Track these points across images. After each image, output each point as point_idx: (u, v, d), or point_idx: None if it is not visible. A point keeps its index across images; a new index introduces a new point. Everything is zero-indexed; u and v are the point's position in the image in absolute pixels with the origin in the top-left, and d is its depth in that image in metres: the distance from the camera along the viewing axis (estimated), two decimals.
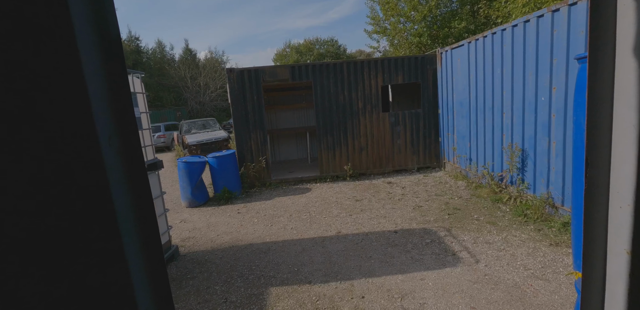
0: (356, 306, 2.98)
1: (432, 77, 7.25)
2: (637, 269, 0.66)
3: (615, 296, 0.71)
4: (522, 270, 3.23)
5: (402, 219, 4.87)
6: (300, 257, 3.97)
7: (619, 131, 0.68)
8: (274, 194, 6.73)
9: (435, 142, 7.43)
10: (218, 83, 27.96)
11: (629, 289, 0.67)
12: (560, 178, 4.08)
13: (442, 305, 2.87)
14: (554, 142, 4.16)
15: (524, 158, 4.74)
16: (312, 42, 34.43)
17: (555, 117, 4.13)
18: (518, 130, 4.82)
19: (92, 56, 0.47)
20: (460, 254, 3.67)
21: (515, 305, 2.74)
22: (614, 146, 0.69)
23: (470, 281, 3.15)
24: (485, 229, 4.24)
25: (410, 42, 13.43)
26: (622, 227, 0.68)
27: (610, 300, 0.72)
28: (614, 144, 0.69)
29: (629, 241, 0.66)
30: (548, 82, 4.19)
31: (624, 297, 0.68)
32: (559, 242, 3.67)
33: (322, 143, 7.30)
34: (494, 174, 5.42)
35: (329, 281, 3.42)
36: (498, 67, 5.19)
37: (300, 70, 7.06)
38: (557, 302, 2.74)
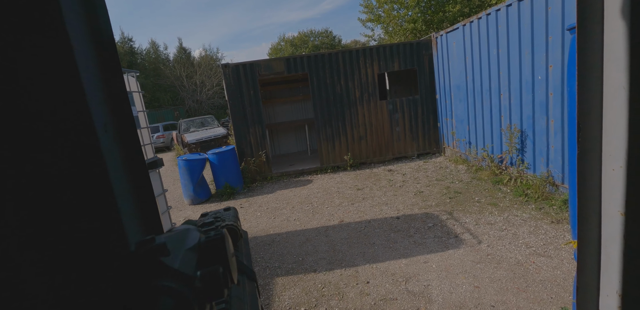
0: (361, 291, 3.02)
1: (428, 63, 7.18)
2: (631, 230, 0.66)
3: (610, 258, 0.71)
4: (524, 249, 3.25)
5: (403, 205, 4.88)
6: (304, 247, 4.01)
7: (609, 94, 0.67)
8: (275, 187, 6.76)
9: (434, 127, 7.40)
10: (214, 80, 27.83)
11: (623, 250, 0.67)
12: (559, 156, 4.07)
13: (446, 285, 2.89)
14: (552, 120, 4.13)
15: (523, 138, 4.72)
16: (307, 34, 34.09)
17: (552, 96, 4.09)
18: (516, 111, 4.78)
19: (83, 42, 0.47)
20: (463, 236, 3.69)
21: (518, 283, 2.77)
22: (605, 109, 0.68)
23: (473, 261, 3.17)
24: (486, 211, 4.25)
25: (404, 29, 13.26)
26: (615, 189, 0.68)
27: (606, 261, 0.72)
28: (604, 107, 0.68)
29: (622, 203, 0.66)
30: (544, 61, 4.14)
31: (620, 258, 0.68)
32: (560, 219, 3.68)
33: (321, 134, 7.29)
34: (493, 156, 5.41)
35: (333, 269, 3.45)
36: (494, 48, 5.12)
37: (296, 62, 7.01)
38: (560, 277, 2.76)
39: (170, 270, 0.29)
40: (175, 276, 0.29)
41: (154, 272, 0.28)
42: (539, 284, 2.71)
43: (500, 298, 2.63)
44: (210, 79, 28.10)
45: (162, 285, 0.28)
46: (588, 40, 0.71)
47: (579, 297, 0.79)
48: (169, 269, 0.29)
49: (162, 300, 0.27)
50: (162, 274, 0.28)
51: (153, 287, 0.28)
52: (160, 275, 0.28)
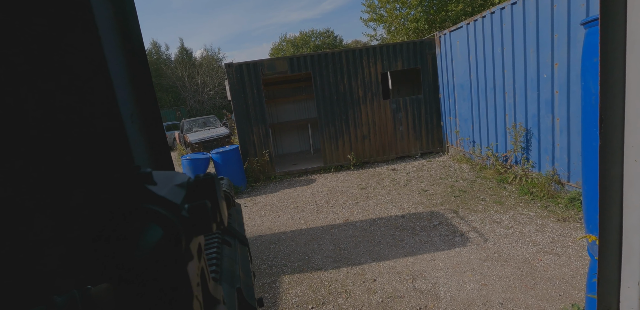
0: (368, 289, 3.02)
1: (431, 62, 7.17)
2: None
3: (632, 249, 0.71)
4: (531, 246, 3.25)
5: (408, 203, 4.88)
6: (310, 246, 4.01)
7: (632, 86, 0.67)
8: (279, 187, 6.77)
9: (438, 126, 7.40)
10: (216, 81, 27.86)
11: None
12: (565, 154, 4.06)
13: (454, 283, 2.90)
14: (557, 118, 4.12)
15: (528, 137, 4.71)
16: (308, 34, 34.09)
17: (558, 94, 4.09)
18: (521, 109, 4.78)
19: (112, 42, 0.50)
20: (469, 234, 3.69)
21: (526, 280, 2.77)
22: (628, 101, 0.69)
23: (480, 259, 3.17)
24: (492, 209, 4.25)
25: (407, 28, 13.25)
26: (637, 180, 0.68)
27: (628, 253, 0.72)
28: (627, 99, 0.69)
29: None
30: (550, 59, 4.14)
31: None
32: (567, 217, 3.67)
33: (325, 133, 7.30)
34: (498, 155, 5.40)
35: (339, 267, 3.46)
36: (498, 47, 5.12)
37: (299, 62, 7.01)
38: (568, 274, 2.76)
39: (156, 197, 0.29)
40: (161, 202, 0.28)
41: (139, 197, 0.28)
42: (546, 282, 2.71)
43: (508, 295, 2.63)
44: (211, 79, 28.13)
45: (148, 208, 0.28)
46: (611, 32, 0.71)
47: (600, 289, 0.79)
48: (154, 195, 0.29)
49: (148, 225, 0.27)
50: (147, 199, 0.28)
51: (138, 210, 0.28)
52: (146, 200, 0.28)
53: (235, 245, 0.71)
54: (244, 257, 0.69)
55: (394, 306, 2.74)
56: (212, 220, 0.31)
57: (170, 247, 0.27)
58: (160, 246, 0.26)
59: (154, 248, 0.26)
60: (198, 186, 0.34)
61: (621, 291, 0.77)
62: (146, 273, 0.26)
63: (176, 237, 0.28)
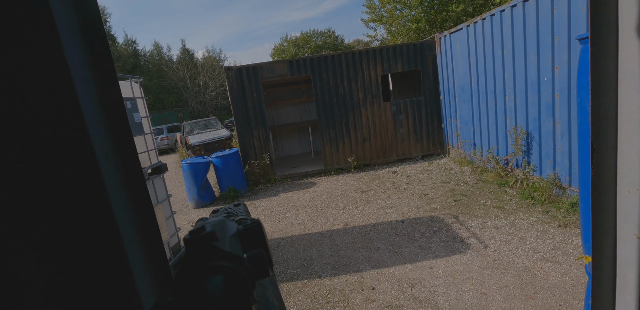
0: (367, 297, 3.00)
1: (432, 64, 7.12)
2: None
3: (627, 282, 0.69)
4: (531, 254, 3.20)
5: (408, 208, 4.85)
6: (308, 252, 3.99)
7: (625, 115, 0.64)
8: (279, 190, 6.76)
9: (438, 129, 7.35)
10: (217, 81, 27.91)
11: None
12: (566, 158, 4.01)
13: (453, 292, 2.86)
14: (558, 122, 4.07)
15: (529, 140, 4.67)
16: (309, 34, 34.08)
17: (559, 97, 4.04)
18: (522, 113, 4.73)
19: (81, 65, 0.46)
20: (469, 240, 3.65)
21: (526, 289, 2.73)
22: (620, 130, 0.66)
23: (480, 267, 3.14)
24: (492, 214, 4.21)
25: (407, 29, 13.19)
26: (631, 211, 0.66)
27: (622, 286, 0.70)
28: (620, 128, 0.66)
29: (638, 226, 0.65)
30: (550, 62, 4.09)
31: (636, 283, 0.66)
32: (568, 223, 3.63)
33: (325, 136, 7.27)
34: (499, 158, 5.36)
35: (338, 274, 3.43)
36: (498, 49, 5.07)
37: (299, 65, 6.99)
38: (569, 283, 2.72)
39: (223, 253, 0.32)
40: (228, 257, 0.32)
41: (209, 255, 0.32)
42: (547, 291, 2.67)
43: (507, 305, 2.60)
44: (213, 80, 28.18)
45: (219, 265, 0.31)
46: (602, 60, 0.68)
47: None
48: (221, 252, 0.32)
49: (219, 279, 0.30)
50: (216, 256, 0.32)
51: (211, 267, 0.31)
52: (215, 257, 0.32)
53: None
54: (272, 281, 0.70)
55: None
56: (268, 265, 0.35)
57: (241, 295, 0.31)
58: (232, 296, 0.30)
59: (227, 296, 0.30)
60: (248, 233, 0.38)
61: None
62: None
63: (244, 285, 0.32)
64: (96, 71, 0.53)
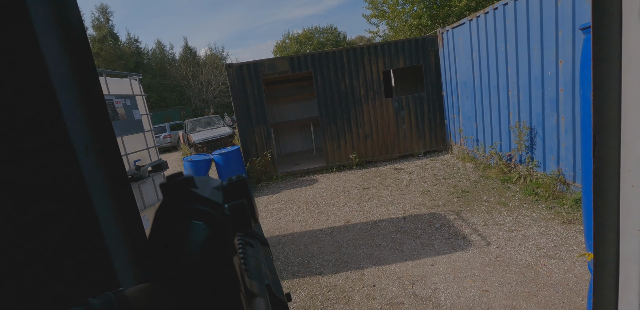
0: (367, 295, 2.98)
1: (434, 59, 7.04)
2: None
3: (629, 278, 0.67)
4: (534, 250, 3.16)
5: (410, 204, 4.82)
6: (309, 249, 3.98)
7: (628, 106, 0.61)
8: (281, 187, 6.75)
9: (441, 125, 7.29)
10: (220, 79, 27.90)
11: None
12: (570, 154, 3.95)
13: (454, 289, 2.84)
14: (562, 117, 4.00)
15: (532, 136, 4.60)
16: (311, 31, 33.90)
17: (563, 92, 3.96)
18: (525, 108, 4.66)
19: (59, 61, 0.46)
20: (471, 237, 3.61)
21: (529, 286, 2.69)
22: (624, 122, 0.63)
23: (482, 264, 3.11)
24: (495, 210, 4.16)
25: (410, 25, 13.05)
26: (634, 206, 0.64)
27: (625, 282, 0.68)
28: (623, 120, 0.63)
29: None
30: (554, 56, 4.01)
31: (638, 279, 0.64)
32: (572, 220, 3.58)
33: (326, 133, 7.24)
34: (502, 154, 5.30)
35: (339, 271, 3.42)
36: (501, 44, 4.99)
37: (300, 61, 6.94)
38: (572, 280, 2.68)
39: (201, 198, 0.31)
40: (206, 202, 0.31)
41: (185, 198, 0.31)
42: (550, 288, 2.63)
43: (510, 302, 2.57)
44: (216, 78, 28.18)
45: (197, 208, 0.30)
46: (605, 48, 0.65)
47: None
48: (199, 196, 0.31)
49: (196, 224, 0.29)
50: (193, 200, 0.31)
51: (187, 210, 0.30)
52: (192, 201, 0.31)
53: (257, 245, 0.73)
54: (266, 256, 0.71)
55: None
56: (250, 217, 0.34)
57: (219, 243, 0.30)
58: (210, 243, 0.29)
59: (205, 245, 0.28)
60: (232, 188, 0.37)
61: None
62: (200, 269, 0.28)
63: (223, 232, 0.30)
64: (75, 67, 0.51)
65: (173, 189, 0.31)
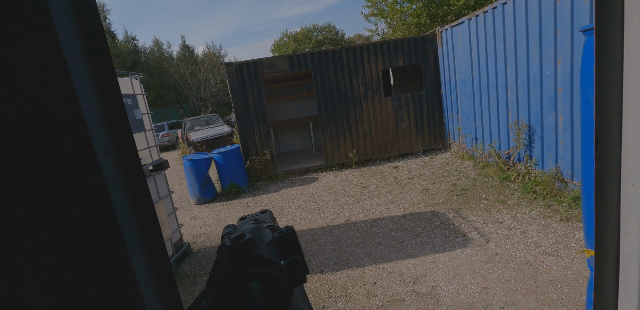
0: (369, 292, 3.01)
1: (433, 58, 7.07)
2: None
3: (629, 275, 0.69)
4: (533, 248, 3.20)
5: (410, 203, 4.85)
6: (310, 247, 4.01)
7: (630, 107, 0.63)
8: (281, 186, 6.76)
9: (440, 123, 7.32)
10: (218, 78, 27.82)
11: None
12: (568, 152, 3.99)
13: (454, 286, 2.87)
14: (561, 116, 4.04)
15: (530, 134, 4.64)
16: (309, 29, 33.82)
17: (561, 91, 4.00)
18: (524, 106, 4.69)
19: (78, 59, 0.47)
20: (470, 235, 3.65)
21: (528, 283, 2.73)
22: (625, 122, 0.65)
23: (482, 261, 3.14)
24: (494, 208, 4.20)
25: (408, 23, 13.06)
26: (635, 204, 0.66)
27: (625, 279, 0.70)
28: (624, 120, 0.65)
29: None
30: (553, 55, 4.04)
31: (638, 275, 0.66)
32: (570, 217, 3.62)
33: (326, 132, 7.26)
34: (500, 152, 5.33)
35: (340, 269, 3.45)
36: (500, 43, 5.01)
37: (299, 60, 6.95)
38: (570, 277, 2.72)
39: (262, 259, 0.34)
40: (267, 264, 0.33)
41: (249, 261, 0.33)
42: (549, 285, 2.67)
43: (509, 299, 2.61)
44: (214, 76, 28.09)
45: (259, 271, 0.33)
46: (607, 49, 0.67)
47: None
48: (261, 258, 0.34)
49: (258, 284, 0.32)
50: (256, 263, 0.33)
51: (250, 274, 0.32)
52: (255, 264, 0.33)
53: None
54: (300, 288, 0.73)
55: None
56: (305, 272, 0.36)
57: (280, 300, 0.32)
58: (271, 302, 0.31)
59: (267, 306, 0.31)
60: (284, 240, 0.40)
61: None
62: None
63: (283, 291, 0.33)
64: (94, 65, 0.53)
65: (238, 252, 0.34)
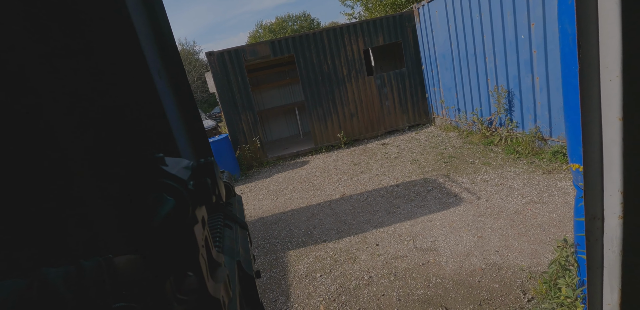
0: (372, 253, 3.16)
1: (412, 34, 7.17)
2: (629, 133, 0.74)
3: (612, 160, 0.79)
4: (520, 199, 3.42)
5: (401, 173, 5.02)
6: (310, 221, 4.12)
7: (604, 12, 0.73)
8: (273, 171, 6.83)
9: (423, 98, 7.49)
10: (195, 75, 27.17)
11: (623, 151, 0.74)
12: (546, 111, 4.21)
13: (452, 239, 3.05)
14: (537, 77, 4.24)
15: (510, 98, 4.85)
16: (284, 19, 33.29)
17: (536, 53, 4.18)
18: (502, 72, 4.88)
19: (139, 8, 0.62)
20: (462, 195, 3.84)
21: (518, 229, 2.94)
22: (601, 24, 0.75)
23: (474, 215, 3.34)
24: (481, 170, 4.41)
25: (384, 4, 13.09)
26: (613, 97, 0.76)
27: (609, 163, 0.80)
28: (600, 22, 0.75)
29: (619, 109, 0.73)
30: (526, 19, 4.21)
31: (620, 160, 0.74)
32: (551, 170, 3.86)
33: (313, 115, 7.31)
34: (483, 119, 5.55)
35: (342, 237, 3.58)
36: (476, 13, 5.15)
37: (281, 45, 6.92)
38: (556, 219, 2.94)
39: (168, 174, 0.36)
40: (172, 178, 0.35)
41: (154, 174, 0.35)
42: (537, 228, 2.88)
43: (502, 244, 2.80)
44: (190, 74, 27.41)
45: (162, 182, 0.35)
46: None
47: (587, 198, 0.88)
48: (167, 173, 0.36)
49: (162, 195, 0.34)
50: (161, 176, 0.35)
51: (154, 183, 0.34)
52: (160, 176, 0.35)
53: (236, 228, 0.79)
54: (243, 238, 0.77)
55: (398, 265, 2.89)
56: (212, 193, 0.39)
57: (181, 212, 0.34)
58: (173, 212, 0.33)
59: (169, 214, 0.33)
60: (200, 168, 0.42)
61: (604, 199, 0.84)
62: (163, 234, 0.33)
63: (185, 204, 0.35)
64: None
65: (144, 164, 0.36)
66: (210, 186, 0.39)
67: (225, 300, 0.41)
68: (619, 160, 0.78)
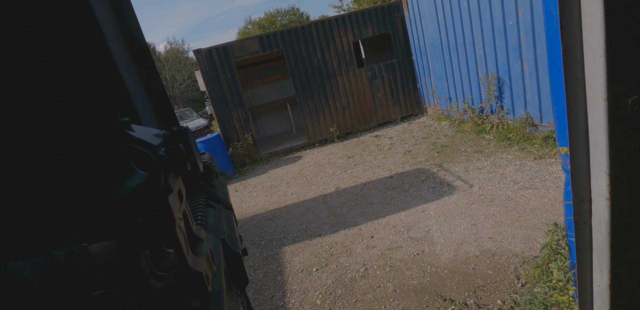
0: (367, 245, 3.16)
1: (401, 25, 7.10)
2: (614, 114, 0.72)
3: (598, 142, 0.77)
4: (512, 185, 3.42)
5: (394, 165, 5.00)
6: (305, 216, 4.10)
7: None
8: (266, 168, 6.79)
9: (414, 89, 7.46)
10: (185, 73, 26.87)
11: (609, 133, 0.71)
12: (536, 96, 4.20)
13: (446, 228, 3.05)
14: (526, 63, 4.22)
15: (500, 85, 4.83)
16: (273, 14, 32.92)
17: (524, 39, 4.15)
18: (491, 59, 4.85)
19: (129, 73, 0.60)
20: (455, 183, 3.84)
21: (511, 214, 2.94)
22: (583, 4, 0.72)
23: (468, 203, 3.33)
24: (473, 158, 4.41)
25: None
26: (597, 78, 0.73)
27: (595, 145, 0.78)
28: (582, 2, 0.72)
29: (604, 90, 0.71)
30: (514, 6, 4.17)
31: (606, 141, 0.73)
32: (542, 155, 3.86)
33: (305, 109, 7.26)
34: (474, 107, 5.54)
35: (337, 230, 3.57)
36: (464, 0, 5.10)
37: (269, 40, 6.83)
38: (547, 204, 2.94)
39: (135, 138, 0.32)
40: (139, 142, 0.32)
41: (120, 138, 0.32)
42: (529, 213, 2.89)
43: (496, 230, 2.80)
44: (180, 73, 27.11)
45: (128, 147, 0.31)
46: None
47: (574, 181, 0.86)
48: (133, 137, 0.32)
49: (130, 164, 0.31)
50: (127, 140, 0.32)
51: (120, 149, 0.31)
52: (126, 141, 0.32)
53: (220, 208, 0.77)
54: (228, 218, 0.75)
55: (393, 256, 2.88)
56: (186, 160, 0.35)
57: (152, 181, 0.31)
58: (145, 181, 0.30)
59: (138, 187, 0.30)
60: (173, 136, 0.38)
61: (592, 181, 0.83)
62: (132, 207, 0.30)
63: (156, 172, 0.32)
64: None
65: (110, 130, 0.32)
66: (184, 152, 0.35)
67: (208, 275, 0.39)
68: (605, 141, 0.76)
